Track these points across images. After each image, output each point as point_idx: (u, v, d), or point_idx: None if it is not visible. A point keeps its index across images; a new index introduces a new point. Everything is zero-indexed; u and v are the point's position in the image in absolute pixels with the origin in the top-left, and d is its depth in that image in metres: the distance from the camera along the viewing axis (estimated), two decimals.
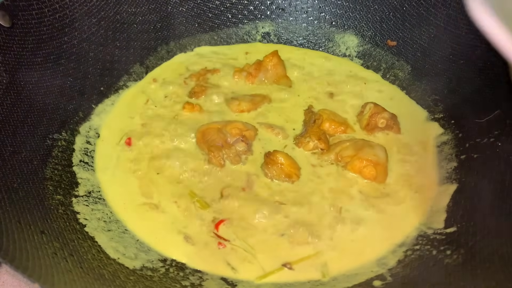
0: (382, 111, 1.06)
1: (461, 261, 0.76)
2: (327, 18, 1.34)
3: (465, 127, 1.04)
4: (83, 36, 1.11)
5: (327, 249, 0.85)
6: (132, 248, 0.85)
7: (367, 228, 0.89)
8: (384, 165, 0.97)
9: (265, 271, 0.82)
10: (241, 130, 1.02)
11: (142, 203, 0.93)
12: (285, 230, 0.87)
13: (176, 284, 0.78)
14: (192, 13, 1.32)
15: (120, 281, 0.75)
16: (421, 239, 0.86)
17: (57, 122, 1.02)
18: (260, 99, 1.15)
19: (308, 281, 0.81)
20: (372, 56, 1.28)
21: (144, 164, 1.00)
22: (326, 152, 1.01)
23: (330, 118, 1.06)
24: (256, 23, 1.36)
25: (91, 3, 1.12)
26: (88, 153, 1.03)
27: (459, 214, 0.87)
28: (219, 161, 0.97)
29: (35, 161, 0.92)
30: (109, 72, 1.18)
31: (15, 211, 0.78)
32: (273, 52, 1.21)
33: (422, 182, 0.97)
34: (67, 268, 0.72)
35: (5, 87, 0.92)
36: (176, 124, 1.07)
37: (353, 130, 1.07)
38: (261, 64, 1.21)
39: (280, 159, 0.95)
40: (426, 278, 0.76)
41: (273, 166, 0.95)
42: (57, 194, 0.89)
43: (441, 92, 1.13)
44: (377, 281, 0.79)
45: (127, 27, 1.22)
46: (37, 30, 1.00)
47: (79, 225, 0.86)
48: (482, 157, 0.94)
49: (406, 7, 1.22)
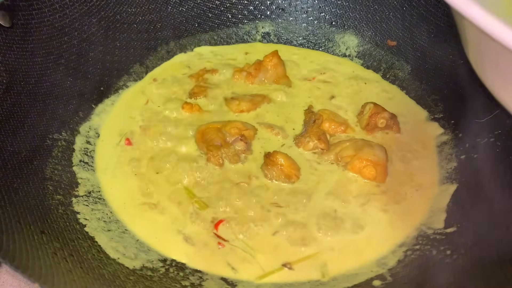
0: (382, 111, 1.06)
1: (461, 261, 0.76)
2: (327, 18, 1.34)
3: (465, 127, 1.04)
4: (83, 36, 1.11)
5: (327, 249, 0.85)
6: (132, 248, 0.85)
7: (367, 228, 0.89)
8: (384, 165, 0.97)
9: (265, 271, 0.82)
10: (240, 129, 1.02)
11: (142, 203, 0.93)
12: (285, 230, 0.87)
13: (176, 284, 0.78)
14: (192, 13, 1.32)
15: (120, 281, 0.75)
16: (421, 239, 0.86)
17: (57, 122, 1.02)
18: (260, 99, 1.15)
19: (308, 281, 0.81)
20: (372, 56, 1.28)
21: (144, 164, 1.00)
22: (326, 152, 1.01)
23: (330, 118, 1.06)
24: (256, 23, 1.36)
25: (91, 3, 1.12)
26: (88, 153, 1.03)
27: (459, 214, 0.87)
28: (218, 161, 0.98)
29: (35, 161, 0.92)
30: (109, 72, 1.18)
31: (15, 211, 0.78)
32: (273, 52, 1.21)
33: (422, 182, 0.97)
34: (67, 268, 0.72)
35: (5, 87, 0.92)
36: (176, 124, 1.08)
37: (353, 130, 1.07)
38: (261, 64, 1.21)
39: (280, 160, 0.95)
40: (426, 278, 0.76)
41: (273, 167, 0.95)
42: (57, 194, 0.89)
43: (441, 92, 1.13)
44: (377, 281, 0.79)
45: (127, 27, 1.22)
46: (37, 30, 1.00)
47: (79, 225, 0.86)
48: (482, 157, 0.94)
49: (406, 7, 1.22)
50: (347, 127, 1.07)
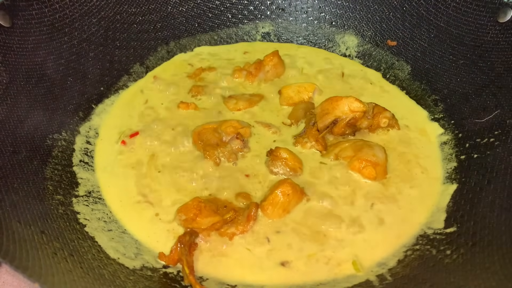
0: (383, 111, 1.06)
1: (461, 261, 0.76)
2: (327, 18, 1.34)
3: (465, 127, 1.04)
4: (83, 36, 1.12)
5: (326, 249, 0.85)
6: (132, 248, 0.85)
7: (367, 228, 0.88)
8: (384, 165, 0.97)
9: (264, 271, 0.82)
10: (236, 128, 1.02)
11: (142, 203, 0.93)
12: (285, 230, 0.87)
13: (176, 284, 0.78)
14: (192, 13, 1.32)
15: (120, 281, 0.75)
16: (421, 239, 0.86)
17: (57, 122, 1.02)
18: (258, 98, 1.15)
19: (308, 281, 0.81)
20: (372, 56, 1.28)
21: (143, 163, 1.00)
22: (326, 154, 1.01)
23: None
24: (256, 23, 1.36)
25: (91, 3, 1.12)
26: (88, 153, 1.03)
27: (459, 214, 0.87)
28: (215, 160, 0.98)
29: (35, 161, 0.92)
30: (109, 72, 1.18)
31: (15, 211, 0.78)
32: (273, 52, 1.21)
33: (422, 182, 0.97)
34: (67, 268, 0.72)
35: (5, 87, 0.92)
36: (175, 124, 1.08)
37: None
38: (262, 64, 1.21)
39: (283, 154, 0.96)
40: (426, 278, 0.76)
41: (277, 161, 0.96)
42: (57, 194, 0.89)
43: (441, 92, 1.14)
44: (377, 281, 0.79)
45: (127, 27, 1.22)
46: (37, 30, 1.00)
47: (79, 225, 0.86)
48: (482, 157, 0.95)
49: (406, 7, 1.22)
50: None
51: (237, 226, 0.85)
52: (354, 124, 1.03)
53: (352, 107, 1.00)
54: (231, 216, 0.85)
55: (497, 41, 1.03)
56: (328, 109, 1.02)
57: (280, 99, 1.15)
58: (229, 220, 0.85)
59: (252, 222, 0.86)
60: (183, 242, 0.80)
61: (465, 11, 1.09)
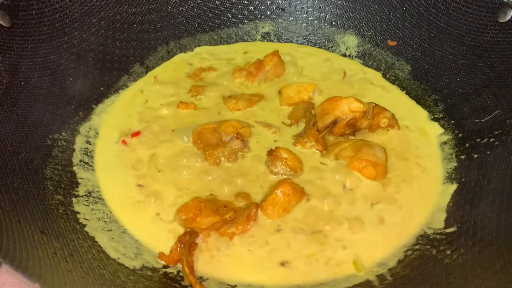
0: (383, 111, 1.06)
1: (461, 261, 0.76)
2: (327, 18, 1.34)
3: (465, 127, 1.04)
4: (83, 36, 1.12)
5: (326, 249, 0.85)
6: (132, 248, 0.85)
7: (367, 227, 0.88)
8: (384, 165, 0.97)
9: (264, 271, 0.82)
10: (236, 127, 1.02)
11: (142, 203, 0.93)
12: (285, 229, 0.87)
13: (176, 284, 0.78)
14: (192, 13, 1.32)
15: (120, 281, 0.75)
16: (421, 239, 0.86)
17: (57, 122, 1.02)
18: (258, 98, 1.15)
19: (308, 281, 0.81)
20: (372, 56, 1.28)
21: (143, 163, 1.00)
22: (326, 153, 1.01)
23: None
24: (256, 23, 1.36)
25: (91, 3, 1.12)
26: (88, 153, 1.03)
27: (459, 214, 0.87)
28: (215, 160, 0.98)
29: (35, 161, 0.92)
30: (109, 72, 1.18)
31: (15, 211, 0.78)
32: (273, 52, 1.21)
33: (422, 182, 0.97)
34: (67, 268, 0.72)
35: (5, 87, 0.93)
36: (175, 124, 1.08)
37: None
38: (262, 64, 1.21)
39: (283, 154, 0.96)
40: (426, 278, 0.76)
41: (277, 161, 0.96)
42: (57, 194, 0.89)
43: (441, 92, 1.14)
44: (377, 281, 0.79)
45: (127, 27, 1.22)
46: (37, 30, 1.00)
47: (79, 225, 0.86)
48: (482, 157, 0.95)
49: (406, 7, 1.22)
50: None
51: (237, 226, 0.85)
52: (354, 124, 1.03)
53: (352, 107, 1.00)
54: (231, 216, 0.85)
55: (497, 41, 1.03)
56: (328, 109, 1.02)
57: (280, 99, 1.15)
58: (229, 220, 0.85)
59: (252, 222, 0.86)
60: (183, 242, 0.80)
61: (465, 11, 1.09)
